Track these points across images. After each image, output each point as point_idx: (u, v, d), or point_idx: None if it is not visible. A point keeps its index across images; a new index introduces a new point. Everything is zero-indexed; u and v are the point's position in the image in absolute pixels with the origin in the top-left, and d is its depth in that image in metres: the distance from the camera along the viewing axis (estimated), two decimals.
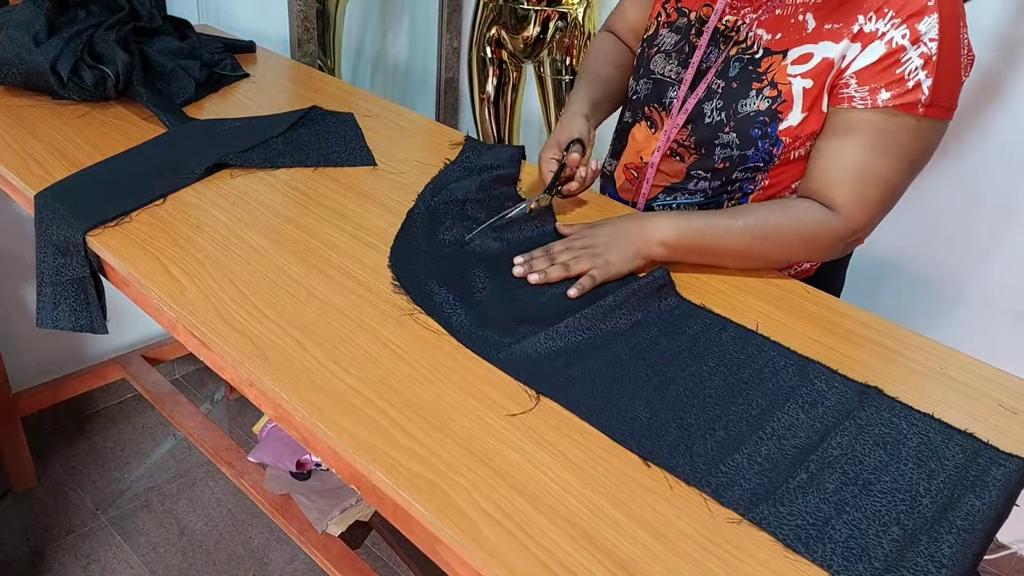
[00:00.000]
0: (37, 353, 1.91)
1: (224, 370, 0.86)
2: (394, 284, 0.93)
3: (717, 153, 1.04)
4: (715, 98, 1.03)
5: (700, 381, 0.81)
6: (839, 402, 0.80)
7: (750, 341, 0.88)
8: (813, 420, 0.77)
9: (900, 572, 0.62)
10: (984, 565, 1.84)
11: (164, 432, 2.07)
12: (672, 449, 0.73)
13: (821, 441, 0.74)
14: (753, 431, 0.75)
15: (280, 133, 1.26)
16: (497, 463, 0.70)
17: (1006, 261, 1.66)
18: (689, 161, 1.08)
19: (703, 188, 1.08)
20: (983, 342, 1.69)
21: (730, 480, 0.70)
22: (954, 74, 0.93)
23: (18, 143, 1.18)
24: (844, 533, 0.65)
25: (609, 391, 0.79)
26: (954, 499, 0.69)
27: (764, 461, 0.72)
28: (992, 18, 1.55)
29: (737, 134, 1.02)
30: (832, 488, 0.69)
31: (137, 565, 1.71)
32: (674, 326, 0.90)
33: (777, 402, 0.79)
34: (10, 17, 1.32)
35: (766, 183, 1.05)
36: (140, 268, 0.92)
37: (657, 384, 0.81)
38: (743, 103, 1.01)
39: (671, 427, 0.75)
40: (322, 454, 0.76)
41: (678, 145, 1.08)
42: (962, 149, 1.66)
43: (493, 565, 0.61)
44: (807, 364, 0.85)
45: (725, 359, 0.85)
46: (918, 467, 0.73)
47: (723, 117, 1.02)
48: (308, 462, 1.44)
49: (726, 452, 0.73)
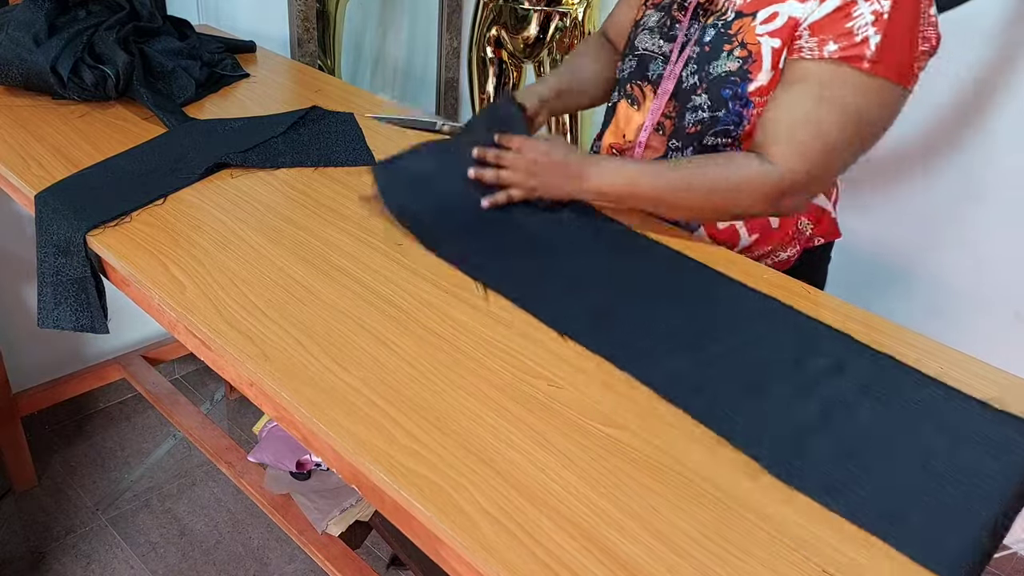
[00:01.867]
0: (37, 353, 1.91)
1: (224, 370, 0.86)
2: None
3: (688, 117, 1.05)
4: (691, 63, 1.04)
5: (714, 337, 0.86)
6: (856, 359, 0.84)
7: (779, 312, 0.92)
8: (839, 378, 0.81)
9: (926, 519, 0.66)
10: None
11: (164, 432, 2.07)
12: (693, 391, 0.79)
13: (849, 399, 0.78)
14: (774, 382, 0.79)
15: (280, 133, 1.26)
16: (498, 463, 0.70)
17: (1005, 261, 1.66)
18: (668, 132, 1.09)
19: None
20: (983, 342, 1.69)
21: (751, 430, 0.74)
22: (907, 38, 0.93)
23: (18, 143, 1.18)
24: (869, 488, 0.69)
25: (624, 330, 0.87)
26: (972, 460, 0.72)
27: (785, 413, 0.76)
28: (992, 18, 1.55)
29: (709, 95, 1.02)
30: (855, 442, 0.73)
31: (137, 565, 1.71)
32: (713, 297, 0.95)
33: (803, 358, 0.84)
34: (10, 17, 1.32)
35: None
36: (141, 268, 0.92)
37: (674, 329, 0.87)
38: (715, 64, 1.01)
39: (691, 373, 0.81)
40: (322, 453, 0.76)
41: (665, 118, 1.09)
42: (962, 149, 1.66)
43: (494, 564, 0.61)
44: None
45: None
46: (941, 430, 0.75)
47: (696, 79, 1.03)
48: (308, 462, 1.44)
49: (747, 399, 0.77)
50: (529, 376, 0.80)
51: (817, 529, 0.66)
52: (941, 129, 1.68)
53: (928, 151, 1.71)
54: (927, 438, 0.74)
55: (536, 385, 0.79)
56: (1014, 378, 0.87)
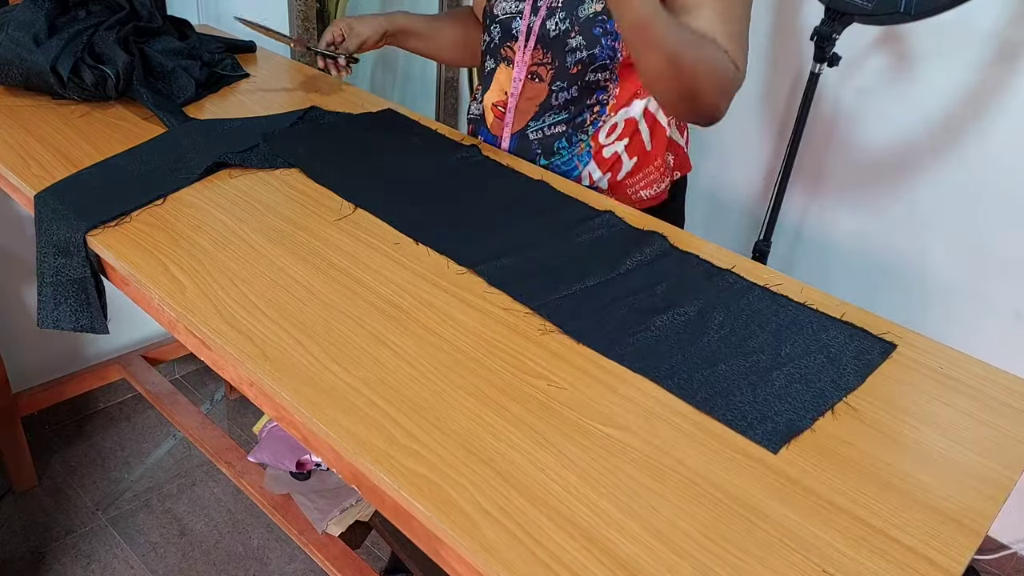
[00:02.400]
0: (37, 353, 1.92)
1: (224, 370, 0.86)
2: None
3: (568, 59, 1.16)
4: (557, 12, 1.16)
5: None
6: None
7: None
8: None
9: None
10: (984, 565, 1.84)
11: (164, 432, 2.08)
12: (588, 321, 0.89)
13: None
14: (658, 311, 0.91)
15: (279, 132, 1.26)
16: (498, 462, 0.70)
17: (1006, 261, 1.66)
18: (548, 78, 1.19)
19: (564, 100, 1.20)
20: (983, 342, 1.69)
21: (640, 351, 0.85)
22: None
23: (18, 143, 1.18)
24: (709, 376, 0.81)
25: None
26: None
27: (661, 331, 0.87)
28: (991, 19, 1.55)
29: (583, 36, 1.14)
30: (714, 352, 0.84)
31: (137, 565, 1.71)
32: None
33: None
34: (10, 17, 1.32)
35: (617, 92, 1.19)
36: (140, 268, 0.92)
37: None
38: (582, 8, 1.14)
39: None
40: (322, 453, 0.76)
41: (536, 66, 1.20)
42: (962, 149, 1.66)
43: (494, 564, 0.61)
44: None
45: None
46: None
47: (568, 24, 1.15)
48: (308, 462, 1.44)
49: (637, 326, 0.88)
50: (529, 376, 0.81)
51: (817, 529, 0.66)
52: (941, 129, 1.68)
53: (928, 151, 1.71)
54: (779, 346, 0.86)
55: (536, 385, 0.79)
56: (1014, 378, 0.87)
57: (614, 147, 1.22)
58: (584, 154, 1.22)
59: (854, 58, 1.73)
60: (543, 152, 1.23)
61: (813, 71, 1.59)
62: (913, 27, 1.63)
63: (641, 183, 1.26)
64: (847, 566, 0.63)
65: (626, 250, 1.01)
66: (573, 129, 1.21)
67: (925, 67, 1.67)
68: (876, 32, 1.70)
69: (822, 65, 1.57)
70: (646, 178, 1.27)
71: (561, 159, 1.22)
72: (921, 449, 0.77)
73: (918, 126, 1.71)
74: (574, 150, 1.22)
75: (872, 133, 1.77)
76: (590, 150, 1.22)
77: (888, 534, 0.67)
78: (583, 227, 1.06)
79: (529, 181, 1.17)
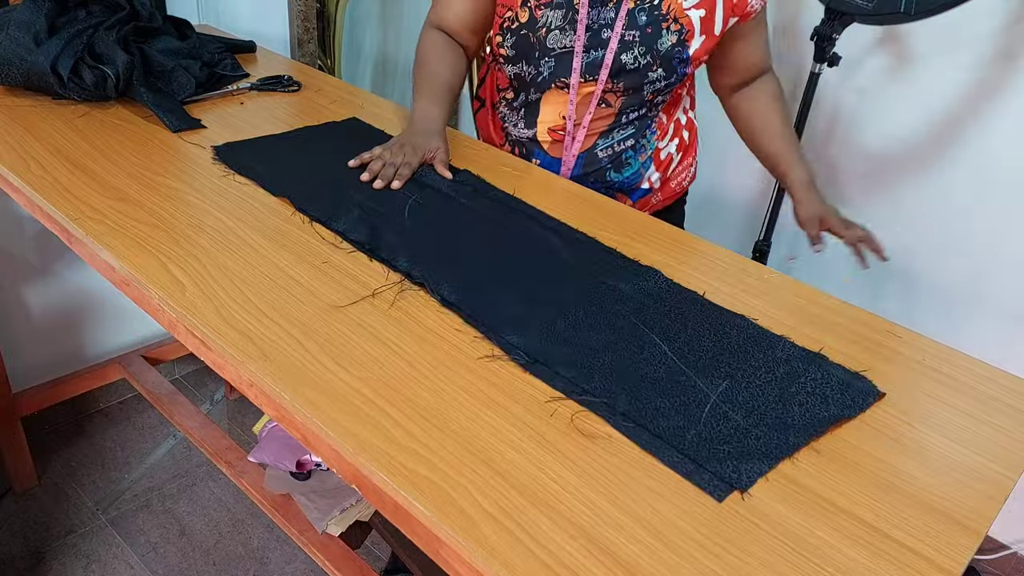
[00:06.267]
0: (37, 353, 1.92)
1: (224, 370, 0.86)
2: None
3: (645, 89, 1.23)
4: (635, 47, 1.19)
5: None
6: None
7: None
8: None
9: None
10: (984, 565, 1.84)
11: (164, 432, 2.08)
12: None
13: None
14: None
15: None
16: (498, 463, 0.70)
17: (1006, 262, 1.66)
18: (618, 104, 1.25)
19: (632, 118, 1.28)
20: (984, 342, 1.69)
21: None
22: None
23: (18, 143, 1.18)
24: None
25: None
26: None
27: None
28: (991, 19, 1.55)
29: (663, 68, 1.21)
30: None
31: (137, 565, 1.71)
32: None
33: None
34: (10, 17, 1.32)
35: (670, 99, 1.31)
36: (140, 268, 0.92)
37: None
38: (660, 42, 1.19)
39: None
40: (322, 454, 0.76)
41: (606, 94, 1.24)
42: (962, 149, 1.66)
43: (494, 564, 0.61)
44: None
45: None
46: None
47: (648, 59, 1.20)
48: (308, 462, 1.44)
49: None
50: (529, 376, 0.81)
51: (817, 529, 0.66)
52: (941, 130, 1.68)
53: (928, 151, 1.71)
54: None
55: (536, 385, 0.79)
56: (1014, 378, 0.87)
57: (668, 148, 1.34)
58: (647, 161, 1.32)
59: (854, 58, 1.73)
60: (613, 166, 1.30)
61: (813, 71, 1.59)
62: (913, 27, 1.63)
63: (682, 174, 1.39)
64: (847, 566, 0.63)
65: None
66: (639, 140, 1.29)
67: (925, 67, 1.67)
68: (876, 32, 1.70)
69: (822, 65, 1.57)
70: (685, 170, 1.40)
71: (631, 169, 1.31)
72: (921, 449, 0.77)
73: (918, 126, 1.71)
74: (638, 157, 1.31)
75: (872, 133, 1.77)
76: (651, 156, 1.32)
77: (888, 534, 0.67)
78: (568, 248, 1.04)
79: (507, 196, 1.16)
